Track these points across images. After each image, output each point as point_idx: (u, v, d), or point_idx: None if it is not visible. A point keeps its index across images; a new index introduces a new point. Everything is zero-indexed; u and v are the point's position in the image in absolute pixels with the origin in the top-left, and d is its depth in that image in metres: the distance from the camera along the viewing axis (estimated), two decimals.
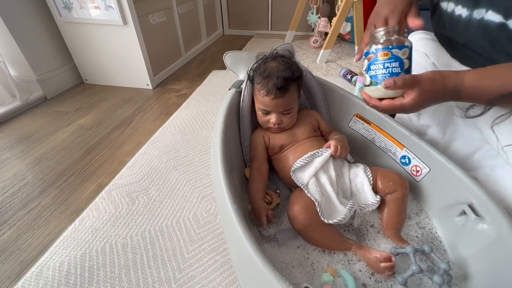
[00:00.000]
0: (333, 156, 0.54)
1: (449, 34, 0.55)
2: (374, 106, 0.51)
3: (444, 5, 0.53)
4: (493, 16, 0.43)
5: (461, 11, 0.49)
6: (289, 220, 0.50)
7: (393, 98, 0.47)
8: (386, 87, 0.46)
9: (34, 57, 1.15)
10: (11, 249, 0.57)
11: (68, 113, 1.10)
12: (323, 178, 0.52)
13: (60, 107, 1.15)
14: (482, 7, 0.45)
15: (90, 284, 0.48)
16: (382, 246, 0.49)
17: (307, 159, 0.53)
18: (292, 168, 0.53)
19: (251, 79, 0.61)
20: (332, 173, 0.53)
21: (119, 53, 1.23)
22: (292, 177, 0.52)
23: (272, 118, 0.59)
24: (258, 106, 0.60)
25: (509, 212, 0.40)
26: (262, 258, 0.32)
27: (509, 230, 0.37)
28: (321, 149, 0.54)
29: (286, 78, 0.55)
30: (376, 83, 0.49)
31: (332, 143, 0.54)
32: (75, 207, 0.66)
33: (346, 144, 0.58)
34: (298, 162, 0.53)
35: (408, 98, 0.45)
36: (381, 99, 0.49)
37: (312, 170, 0.52)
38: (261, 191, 0.56)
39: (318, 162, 0.53)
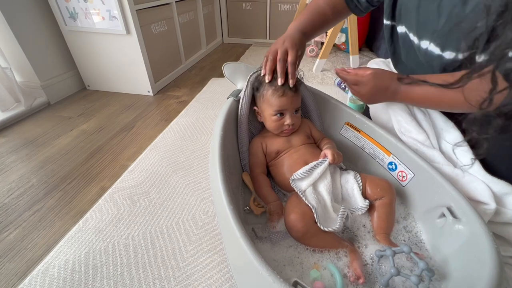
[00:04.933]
0: (329, 164, 0.58)
1: (402, 53, 0.65)
2: (343, 76, 0.63)
3: (400, 29, 0.62)
4: (433, 48, 0.52)
5: (413, 38, 0.58)
6: (286, 229, 0.52)
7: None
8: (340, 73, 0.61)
9: (39, 64, 1.19)
10: (18, 248, 0.60)
11: (71, 118, 1.13)
12: (321, 186, 0.55)
13: (63, 112, 1.18)
14: (426, 39, 0.54)
15: (94, 281, 0.51)
16: (370, 247, 0.52)
17: (308, 172, 0.55)
18: (292, 177, 0.55)
19: (256, 88, 0.64)
20: (329, 181, 0.56)
21: (122, 61, 1.27)
22: (291, 185, 0.55)
23: (287, 119, 0.62)
24: (272, 110, 0.62)
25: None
26: (256, 255, 0.35)
27: (481, 231, 0.41)
28: (320, 160, 0.57)
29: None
30: None
31: (328, 152, 0.57)
32: (78, 209, 0.69)
33: (337, 150, 0.62)
34: (299, 174, 0.55)
35: (367, 73, 0.58)
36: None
37: (311, 180, 0.54)
38: (272, 193, 0.60)
39: (317, 173, 0.55)
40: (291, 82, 0.59)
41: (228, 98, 0.68)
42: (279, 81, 0.59)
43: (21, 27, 1.10)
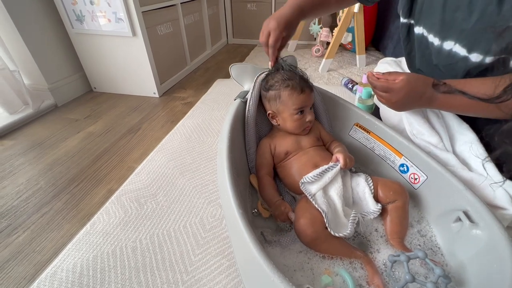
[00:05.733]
0: (341, 169, 0.56)
1: (417, 55, 0.63)
2: (371, 82, 0.57)
3: (417, 30, 0.59)
4: (459, 49, 0.49)
5: (433, 39, 0.54)
6: (296, 234, 0.51)
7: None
8: (370, 78, 0.56)
9: (47, 67, 1.20)
10: (26, 251, 0.60)
11: (78, 121, 1.14)
12: (331, 190, 0.54)
13: (71, 114, 1.19)
14: (451, 40, 0.51)
15: (102, 285, 0.51)
16: (382, 252, 0.51)
17: (318, 176, 0.54)
18: (302, 180, 0.54)
19: (266, 88, 0.64)
20: (340, 184, 0.54)
21: (128, 63, 1.27)
22: (301, 188, 0.54)
23: (308, 116, 0.62)
24: (293, 109, 0.61)
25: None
26: (267, 260, 0.34)
27: (500, 236, 0.39)
28: (331, 164, 0.56)
29: (305, 75, 0.64)
30: None
31: (340, 156, 0.56)
32: (86, 212, 0.69)
33: (349, 154, 0.60)
34: (309, 178, 0.54)
35: (399, 79, 0.52)
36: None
37: (321, 184, 0.53)
38: (276, 194, 0.59)
39: (328, 177, 0.54)
40: (269, 64, 0.61)
41: (235, 100, 0.67)
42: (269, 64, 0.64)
43: (29, 30, 1.11)
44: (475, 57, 0.47)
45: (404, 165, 0.60)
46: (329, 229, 0.47)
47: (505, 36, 0.36)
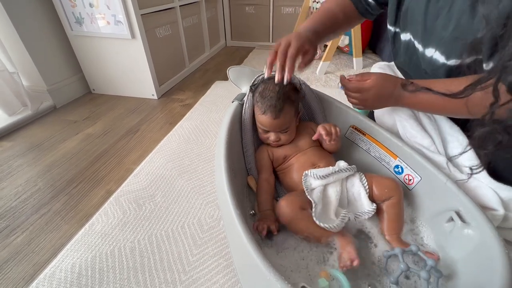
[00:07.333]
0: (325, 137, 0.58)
1: (404, 60, 0.65)
2: (344, 84, 0.60)
3: (404, 36, 0.62)
4: (438, 56, 0.52)
5: (418, 45, 0.57)
6: (277, 216, 0.53)
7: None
8: (343, 81, 0.59)
9: (46, 68, 1.20)
10: (25, 252, 0.60)
11: (77, 122, 1.14)
12: (331, 191, 0.55)
13: (69, 116, 1.19)
14: (431, 47, 0.53)
15: (100, 285, 0.51)
16: (380, 246, 0.52)
17: (325, 176, 0.54)
18: (306, 173, 0.55)
19: (253, 93, 0.65)
20: (340, 188, 0.55)
21: (127, 65, 1.28)
22: (302, 179, 0.55)
23: (271, 136, 0.63)
24: (257, 124, 0.64)
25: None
26: (263, 259, 0.35)
27: (491, 236, 0.40)
28: (343, 167, 0.57)
29: (280, 101, 0.58)
30: None
31: (319, 128, 0.59)
32: (84, 213, 0.69)
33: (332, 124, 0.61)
34: (316, 175, 0.54)
35: (369, 80, 0.56)
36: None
37: (324, 182, 0.54)
38: (270, 202, 0.59)
39: (333, 178, 0.55)
40: (285, 78, 0.54)
41: (233, 102, 0.68)
42: (276, 78, 0.55)
43: (28, 32, 1.12)
44: (454, 63, 0.49)
45: (399, 167, 0.61)
46: (314, 218, 0.48)
47: (475, 44, 0.38)
